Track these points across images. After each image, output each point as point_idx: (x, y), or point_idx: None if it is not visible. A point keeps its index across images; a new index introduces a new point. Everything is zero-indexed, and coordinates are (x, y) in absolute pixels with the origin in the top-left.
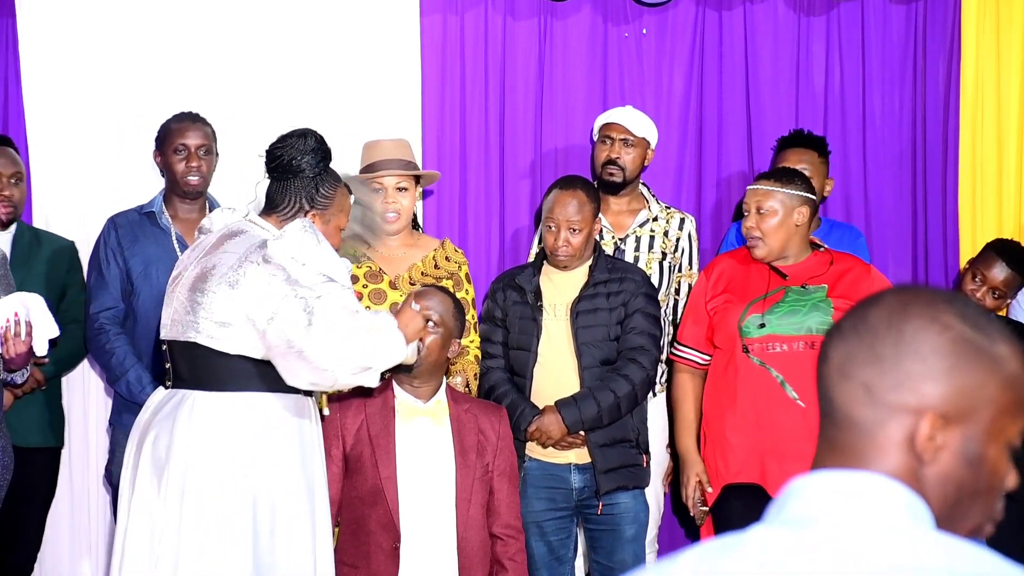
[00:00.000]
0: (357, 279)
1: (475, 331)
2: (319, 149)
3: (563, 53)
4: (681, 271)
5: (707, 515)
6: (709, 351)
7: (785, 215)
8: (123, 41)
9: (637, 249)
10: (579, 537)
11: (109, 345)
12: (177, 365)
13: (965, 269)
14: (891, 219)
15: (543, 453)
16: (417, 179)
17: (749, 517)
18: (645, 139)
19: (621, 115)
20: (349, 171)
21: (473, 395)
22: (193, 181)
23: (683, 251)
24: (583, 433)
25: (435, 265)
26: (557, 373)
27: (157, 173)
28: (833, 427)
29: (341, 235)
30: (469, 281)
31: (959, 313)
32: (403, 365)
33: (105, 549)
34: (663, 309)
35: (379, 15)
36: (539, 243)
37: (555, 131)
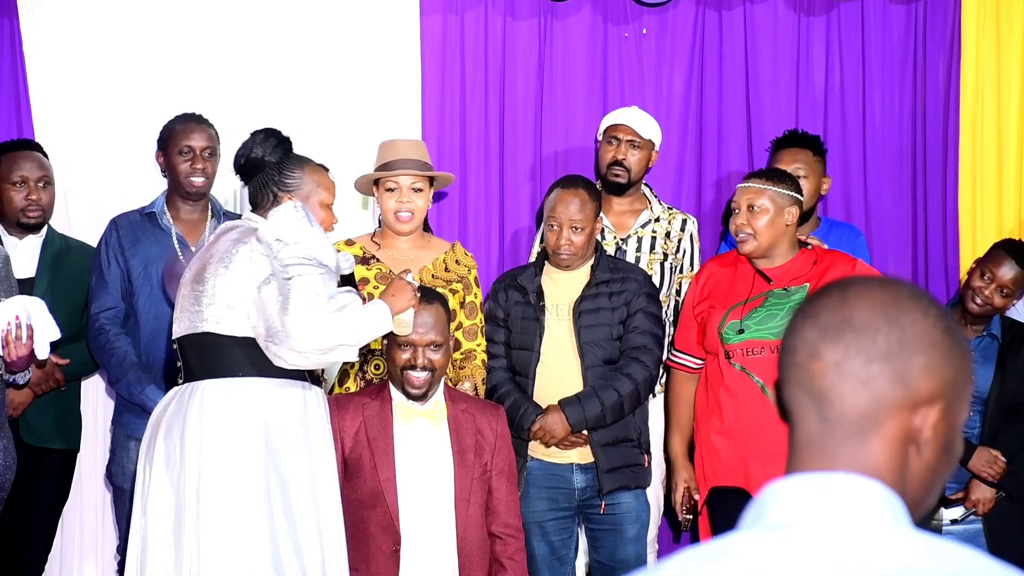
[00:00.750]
0: (368, 280)
1: (482, 335)
2: (271, 138)
3: (563, 53)
4: (683, 272)
5: (692, 522)
6: (702, 355)
7: (776, 213)
8: (123, 41)
9: (639, 249)
10: (580, 537)
11: (109, 345)
12: (188, 361)
13: (973, 267)
14: (891, 219)
15: (545, 453)
16: (431, 181)
17: (736, 522)
18: (651, 141)
19: (628, 116)
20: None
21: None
22: (197, 183)
23: (685, 252)
24: (585, 433)
25: (445, 268)
26: (560, 373)
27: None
28: (820, 425)
29: (332, 210)
30: (478, 285)
31: (937, 305)
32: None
33: (110, 549)
34: (664, 310)
35: (379, 15)
36: (540, 243)
37: (555, 131)
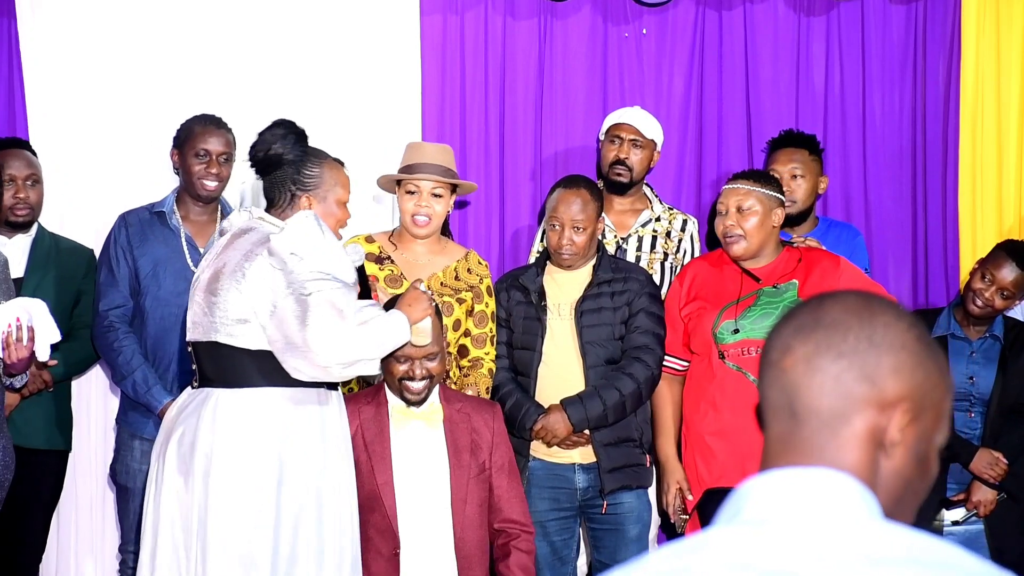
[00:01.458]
0: (376, 280)
1: (491, 344)
2: (291, 133)
3: (563, 53)
4: None
5: (687, 522)
6: (686, 357)
7: (764, 215)
8: (120, 42)
9: (639, 249)
10: (581, 537)
11: (117, 343)
12: (203, 366)
13: (974, 269)
14: (891, 219)
15: (547, 453)
16: (454, 188)
17: None
18: (653, 141)
19: (631, 116)
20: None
21: None
22: (210, 186)
23: (685, 252)
24: (587, 432)
25: (456, 276)
26: (562, 372)
27: (158, 174)
28: (791, 421)
29: (347, 207)
30: (490, 294)
31: (913, 316)
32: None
33: (109, 548)
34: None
35: (379, 15)
36: (541, 243)
37: (555, 131)
